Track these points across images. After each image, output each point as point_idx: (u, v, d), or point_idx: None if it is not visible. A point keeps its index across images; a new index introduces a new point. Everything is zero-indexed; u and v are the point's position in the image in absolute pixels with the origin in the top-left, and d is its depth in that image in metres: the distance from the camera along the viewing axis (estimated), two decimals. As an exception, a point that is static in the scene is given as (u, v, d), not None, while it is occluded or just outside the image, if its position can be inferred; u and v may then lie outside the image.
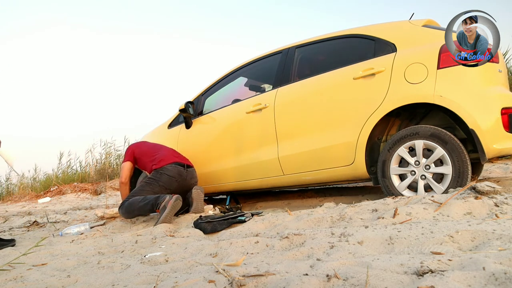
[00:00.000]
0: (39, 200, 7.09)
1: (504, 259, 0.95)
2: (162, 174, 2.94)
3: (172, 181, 2.95)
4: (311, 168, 2.75)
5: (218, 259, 1.48)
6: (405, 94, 2.34)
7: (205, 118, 3.52)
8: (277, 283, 0.99)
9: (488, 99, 2.22)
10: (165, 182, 2.92)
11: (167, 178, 2.93)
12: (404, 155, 2.34)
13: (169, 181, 2.94)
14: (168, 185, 2.94)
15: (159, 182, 2.91)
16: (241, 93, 3.60)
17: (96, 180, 8.24)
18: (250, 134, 3.11)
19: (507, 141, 2.19)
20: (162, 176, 2.94)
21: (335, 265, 1.07)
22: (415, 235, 1.28)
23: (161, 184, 2.91)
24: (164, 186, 2.92)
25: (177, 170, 3.00)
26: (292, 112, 2.87)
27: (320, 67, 2.91)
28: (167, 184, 2.93)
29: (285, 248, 1.48)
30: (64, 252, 2.04)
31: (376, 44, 2.60)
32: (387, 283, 0.89)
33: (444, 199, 1.72)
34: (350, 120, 2.56)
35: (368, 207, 1.88)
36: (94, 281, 1.33)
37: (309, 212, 2.03)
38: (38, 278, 1.45)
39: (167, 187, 2.94)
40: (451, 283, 0.82)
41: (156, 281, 1.23)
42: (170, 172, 2.95)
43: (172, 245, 1.85)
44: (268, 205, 3.48)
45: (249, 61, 3.42)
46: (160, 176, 2.93)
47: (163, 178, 2.93)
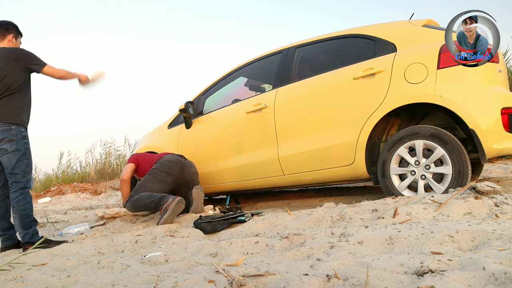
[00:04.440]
0: (39, 200, 7.08)
1: (504, 259, 0.95)
2: (162, 162, 3.07)
3: (172, 166, 3.05)
4: (311, 168, 2.75)
5: (218, 259, 1.48)
6: (405, 94, 2.34)
7: (205, 118, 3.52)
8: (277, 283, 0.99)
9: (488, 99, 2.22)
10: (166, 168, 3.03)
11: (167, 163, 3.06)
12: (404, 155, 2.34)
13: (170, 166, 3.05)
14: (169, 170, 3.03)
15: (161, 169, 3.01)
16: (241, 93, 3.60)
17: (96, 180, 8.23)
18: (250, 134, 3.11)
19: (507, 141, 2.19)
20: (162, 163, 3.06)
21: (335, 265, 1.07)
22: (415, 235, 1.28)
23: (163, 170, 3.01)
24: (166, 172, 3.01)
25: (176, 157, 3.15)
26: (292, 112, 2.87)
27: (320, 67, 2.91)
28: (169, 169, 3.03)
29: (285, 248, 1.48)
30: (64, 252, 2.04)
31: (376, 44, 2.59)
32: (387, 283, 0.90)
33: (444, 199, 1.72)
34: (350, 120, 2.56)
35: (368, 207, 1.88)
36: (94, 281, 1.33)
37: (309, 212, 2.03)
38: (38, 278, 1.45)
39: (169, 172, 3.02)
40: (451, 283, 0.82)
41: (156, 281, 1.23)
42: (169, 158, 3.11)
43: (172, 245, 1.85)
44: (268, 205, 3.48)
45: (249, 61, 3.42)
46: (160, 164, 3.05)
47: (163, 164, 3.05)
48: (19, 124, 2.40)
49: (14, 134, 2.36)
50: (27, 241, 2.33)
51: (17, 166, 2.37)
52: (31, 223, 2.39)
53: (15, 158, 2.36)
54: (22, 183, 2.38)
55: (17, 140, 2.38)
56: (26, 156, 2.41)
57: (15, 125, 2.37)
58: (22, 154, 2.38)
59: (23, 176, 2.38)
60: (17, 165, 2.36)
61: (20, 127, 2.41)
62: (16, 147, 2.36)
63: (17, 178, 2.37)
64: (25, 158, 2.40)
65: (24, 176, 2.39)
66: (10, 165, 2.36)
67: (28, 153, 2.45)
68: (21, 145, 2.39)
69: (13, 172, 2.37)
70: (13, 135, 2.36)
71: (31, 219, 2.39)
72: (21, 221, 2.34)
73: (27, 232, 2.35)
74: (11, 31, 2.51)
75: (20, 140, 2.39)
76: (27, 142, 2.45)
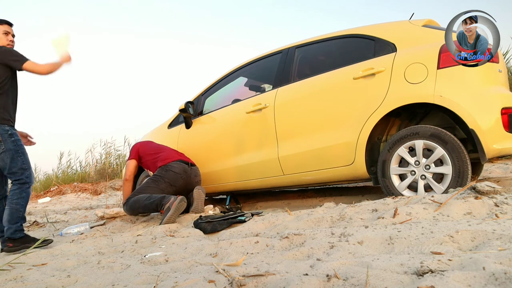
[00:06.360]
0: (39, 200, 7.09)
1: (504, 259, 0.95)
2: (168, 171, 2.97)
3: (177, 178, 2.98)
4: (311, 168, 2.75)
5: (218, 259, 1.48)
6: (405, 94, 2.34)
7: (205, 118, 3.52)
8: (277, 283, 0.99)
9: (488, 99, 2.22)
10: (170, 179, 2.95)
11: (172, 175, 2.96)
12: (404, 155, 2.34)
13: (175, 178, 2.97)
14: (173, 182, 2.96)
15: (165, 179, 2.94)
16: (241, 93, 3.60)
17: (96, 180, 8.22)
18: (250, 134, 3.11)
19: (507, 141, 2.19)
20: (168, 173, 2.97)
21: (335, 265, 1.07)
22: (415, 235, 1.28)
23: (167, 181, 2.94)
24: (169, 183, 2.94)
25: (182, 167, 3.04)
26: (292, 112, 2.87)
27: (320, 67, 2.91)
28: (173, 181, 2.96)
29: (285, 248, 1.48)
30: (64, 252, 2.04)
31: (376, 44, 2.59)
32: (387, 283, 0.90)
33: (444, 199, 1.72)
34: (350, 120, 2.56)
35: (368, 207, 1.88)
36: (94, 281, 1.33)
37: (309, 212, 2.03)
38: (38, 278, 1.45)
39: (173, 184, 2.96)
40: (451, 283, 0.82)
41: (156, 281, 1.23)
42: (175, 169, 2.99)
43: (172, 245, 1.85)
44: (268, 205, 3.48)
45: (249, 61, 3.42)
46: (165, 173, 2.96)
47: (168, 175, 2.96)
48: (1, 124, 2.34)
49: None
50: (9, 236, 2.31)
51: (13, 165, 2.34)
52: (18, 219, 2.35)
53: (9, 158, 2.32)
54: (22, 179, 2.36)
55: (4, 140, 2.33)
56: (19, 153, 2.37)
57: None
58: (14, 153, 2.34)
59: (21, 173, 2.36)
60: (12, 165, 2.33)
61: (4, 125, 2.35)
62: (6, 147, 2.32)
63: (16, 176, 2.35)
64: (18, 155, 2.36)
65: (22, 173, 2.37)
66: (6, 166, 2.33)
67: (21, 150, 2.39)
68: (10, 144, 2.34)
69: (11, 172, 2.35)
70: None
71: (20, 216, 2.36)
72: (9, 214, 2.32)
73: (11, 227, 2.31)
74: None
75: (7, 139, 2.34)
76: (16, 139, 2.39)
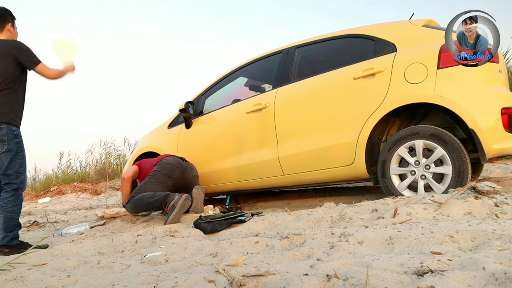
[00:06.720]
0: (39, 200, 7.08)
1: (504, 259, 0.95)
2: (163, 164, 3.06)
3: (173, 169, 3.04)
4: (311, 168, 2.75)
5: (218, 259, 1.48)
6: (405, 94, 2.34)
7: (205, 118, 3.52)
8: (277, 283, 0.99)
9: (488, 99, 2.22)
10: (167, 171, 3.02)
11: (169, 167, 3.04)
12: (404, 155, 2.34)
13: (171, 169, 3.04)
14: (170, 173, 3.02)
15: (162, 172, 3.01)
16: (241, 93, 3.60)
17: (96, 180, 8.22)
18: (250, 134, 3.11)
19: (507, 141, 2.19)
20: (164, 165, 3.05)
21: (335, 265, 1.07)
22: (415, 235, 1.28)
23: (164, 173, 3.00)
24: (167, 175, 3.00)
25: (177, 160, 3.15)
26: (292, 112, 2.87)
27: (320, 67, 2.91)
28: (170, 172, 3.02)
29: (285, 248, 1.48)
30: (64, 252, 2.04)
31: (376, 44, 2.60)
32: (387, 283, 0.90)
33: (444, 199, 1.72)
34: (350, 120, 2.56)
35: (368, 207, 1.88)
36: (94, 281, 1.33)
37: (309, 212, 2.03)
38: (38, 278, 1.45)
39: (170, 175, 3.01)
40: (451, 283, 0.82)
41: (156, 281, 1.23)
42: (170, 161, 3.09)
43: (172, 245, 1.85)
44: (268, 205, 3.48)
45: (249, 61, 3.42)
46: (161, 167, 3.04)
47: (165, 167, 3.03)
48: (9, 123, 2.30)
49: (5, 133, 2.27)
50: (5, 244, 2.26)
51: (10, 167, 2.29)
52: (14, 227, 2.31)
53: (8, 159, 2.28)
54: (15, 184, 2.30)
55: (9, 139, 2.28)
56: (19, 156, 2.32)
57: (5, 124, 2.28)
58: (14, 154, 2.30)
59: (16, 177, 2.31)
60: (10, 166, 2.28)
61: (11, 126, 2.31)
62: (8, 147, 2.27)
63: (10, 179, 2.29)
64: (18, 158, 2.32)
65: (17, 177, 2.31)
66: (3, 166, 2.28)
67: (21, 153, 2.35)
68: (13, 145, 2.30)
69: (6, 173, 2.29)
70: (3, 134, 2.27)
71: (15, 223, 2.32)
72: (4, 222, 2.26)
73: (7, 235, 2.26)
74: (8, 20, 2.39)
75: (11, 140, 2.29)
76: (19, 141, 2.36)
